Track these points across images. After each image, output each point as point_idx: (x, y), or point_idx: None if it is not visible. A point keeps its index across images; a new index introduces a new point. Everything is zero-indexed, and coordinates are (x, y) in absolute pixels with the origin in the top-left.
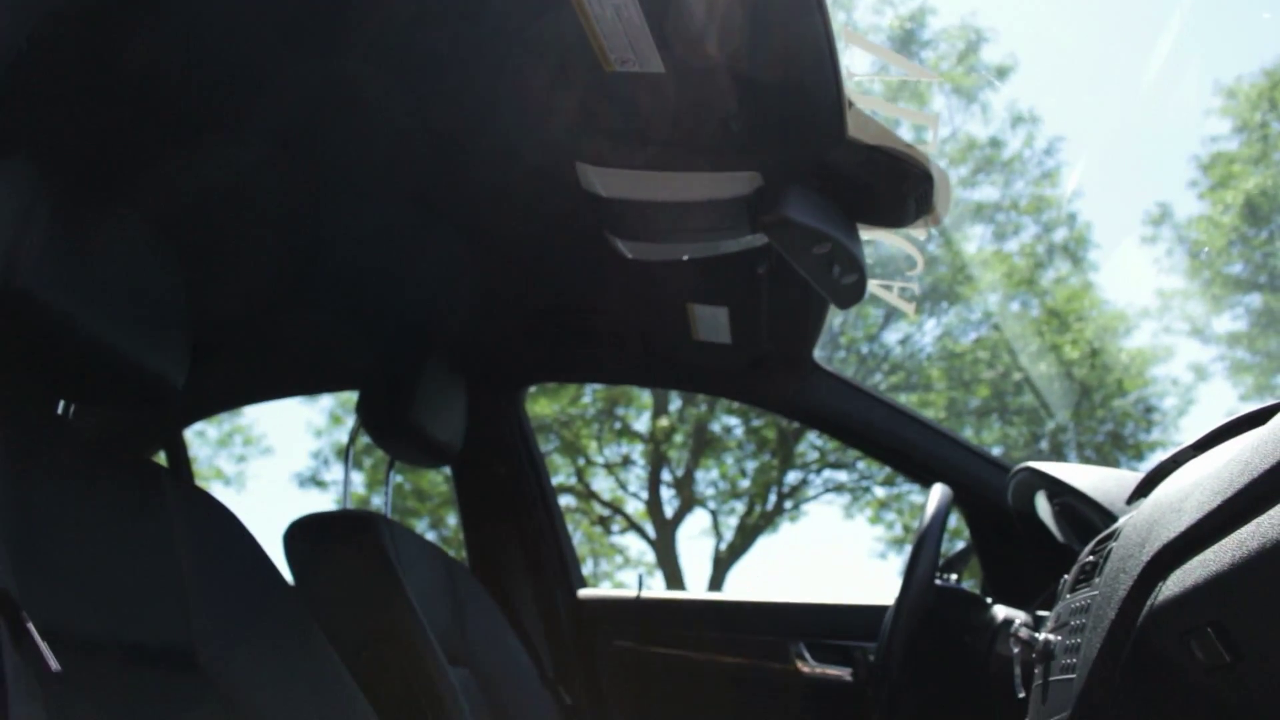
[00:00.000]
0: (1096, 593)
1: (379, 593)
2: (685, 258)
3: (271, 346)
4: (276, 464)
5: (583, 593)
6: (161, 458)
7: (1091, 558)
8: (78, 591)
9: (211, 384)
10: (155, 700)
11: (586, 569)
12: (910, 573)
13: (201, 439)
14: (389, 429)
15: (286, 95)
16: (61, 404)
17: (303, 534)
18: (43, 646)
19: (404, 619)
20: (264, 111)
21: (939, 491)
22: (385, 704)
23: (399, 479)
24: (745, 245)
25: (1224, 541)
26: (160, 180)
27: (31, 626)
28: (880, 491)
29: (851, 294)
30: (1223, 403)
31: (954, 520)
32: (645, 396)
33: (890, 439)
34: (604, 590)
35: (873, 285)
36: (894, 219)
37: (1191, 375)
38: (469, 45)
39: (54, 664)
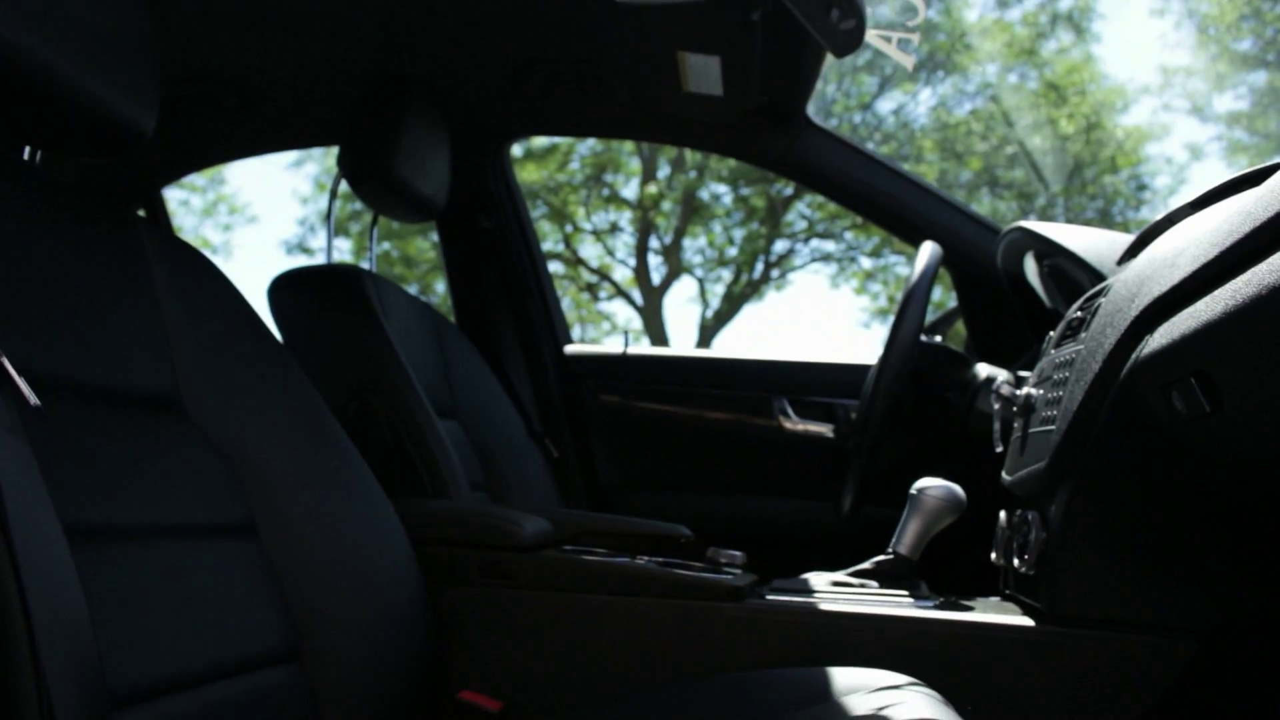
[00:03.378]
0: (1082, 347)
1: (365, 344)
2: (676, 2)
3: (248, 98)
4: (263, 232)
5: (569, 348)
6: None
7: (1079, 313)
8: (55, 336)
9: (188, 139)
10: (143, 443)
11: (574, 335)
12: (896, 328)
13: (186, 208)
14: (371, 180)
15: None
16: (28, 152)
17: (287, 287)
18: (21, 383)
19: (391, 370)
20: None
21: (929, 248)
22: (375, 455)
23: (386, 246)
24: None
25: (1217, 292)
26: None
27: (8, 363)
28: (867, 263)
29: (849, 41)
30: (1215, 183)
31: (938, 294)
32: (634, 163)
33: (882, 197)
34: (590, 346)
35: (871, 35)
36: None
37: (1186, 154)
38: None
39: (33, 399)
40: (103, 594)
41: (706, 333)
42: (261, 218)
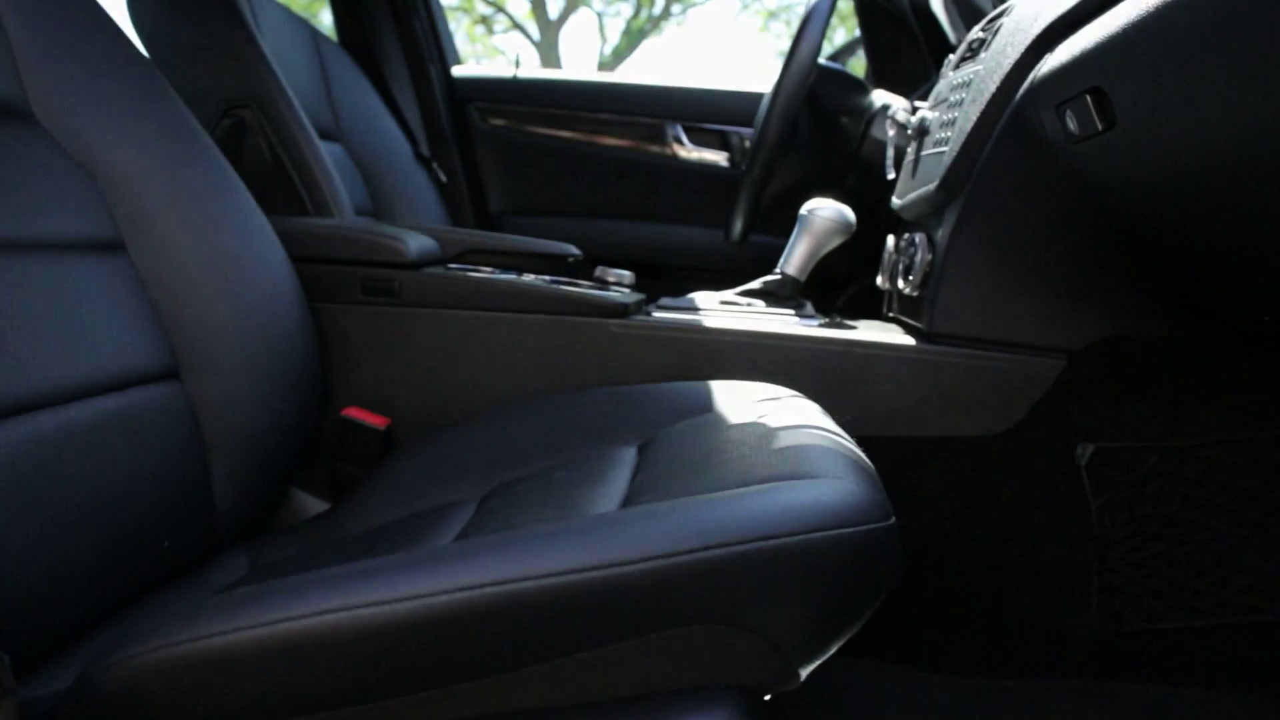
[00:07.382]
0: (980, 67)
1: (236, 55)
2: None
3: None
4: None
5: (457, 69)
6: None
7: (981, 34)
8: None
9: None
10: None
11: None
12: (795, 47)
13: None
14: None
15: None
16: None
17: None
18: None
19: (266, 84)
20: None
21: None
22: (251, 174)
23: None
24: None
25: (1120, 6)
26: None
27: None
28: (770, 1)
29: None
30: None
31: (843, 36)
32: None
33: None
34: (479, 67)
35: None
36: None
37: None
38: None
39: None
40: None
41: (605, 70)
42: None
